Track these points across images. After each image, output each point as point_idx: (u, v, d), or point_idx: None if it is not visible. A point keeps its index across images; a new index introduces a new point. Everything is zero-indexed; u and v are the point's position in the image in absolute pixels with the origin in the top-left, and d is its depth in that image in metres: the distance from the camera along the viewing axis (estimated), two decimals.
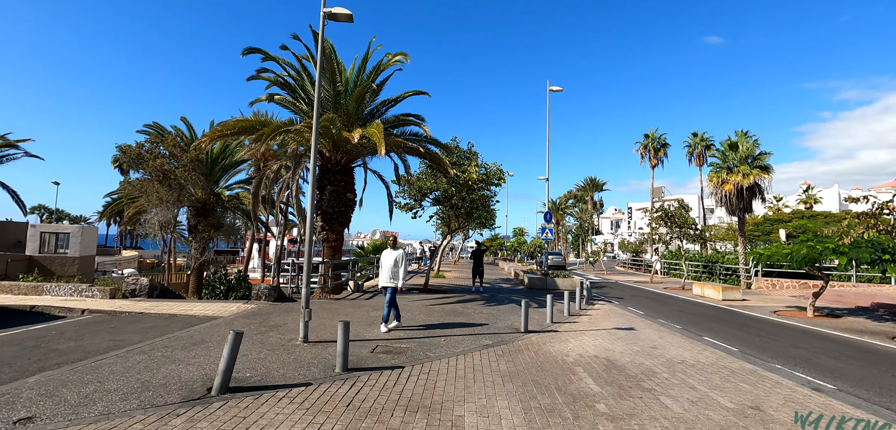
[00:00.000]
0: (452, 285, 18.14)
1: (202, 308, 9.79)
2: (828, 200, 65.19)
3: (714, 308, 14.36)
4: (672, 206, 23.23)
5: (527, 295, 15.70)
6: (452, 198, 17.53)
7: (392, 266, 8.10)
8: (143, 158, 16.18)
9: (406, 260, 8.36)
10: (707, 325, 11.25)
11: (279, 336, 7.50)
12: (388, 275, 8.09)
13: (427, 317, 10.09)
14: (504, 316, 10.69)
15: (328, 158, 13.70)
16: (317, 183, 14.00)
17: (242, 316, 9.10)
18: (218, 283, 12.82)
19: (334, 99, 13.21)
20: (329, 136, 12.58)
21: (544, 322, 10.22)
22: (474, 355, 6.96)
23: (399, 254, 8.14)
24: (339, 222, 13.81)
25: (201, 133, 21.97)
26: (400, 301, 12.19)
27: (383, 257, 8.28)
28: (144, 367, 5.54)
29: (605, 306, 13.67)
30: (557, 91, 22.93)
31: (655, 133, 48.69)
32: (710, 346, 8.48)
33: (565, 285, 18.31)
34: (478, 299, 13.69)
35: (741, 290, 16.43)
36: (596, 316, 11.61)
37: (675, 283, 24.34)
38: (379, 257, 8.49)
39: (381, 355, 6.66)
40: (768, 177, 28.10)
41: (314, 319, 9.23)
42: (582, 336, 8.83)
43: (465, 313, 10.95)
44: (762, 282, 20.40)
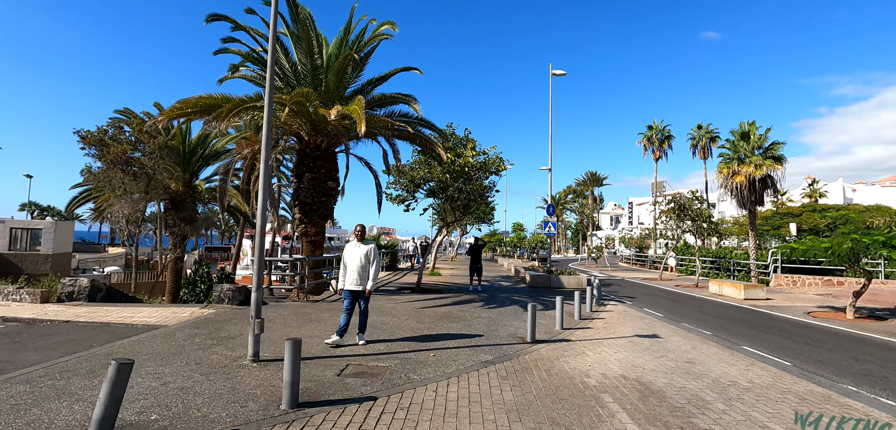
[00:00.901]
0: (448, 284, 16.64)
1: (147, 314, 8.26)
2: (833, 194, 63.96)
3: (738, 309, 12.89)
4: (684, 197, 21.72)
5: (529, 295, 14.22)
6: (448, 189, 15.97)
7: (359, 265, 6.44)
8: (105, 145, 14.58)
9: (379, 257, 6.78)
10: (740, 330, 9.77)
11: (225, 353, 5.98)
12: (355, 277, 6.40)
13: (416, 322, 8.58)
14: (506, 321, 9.19)
15: (307, 141, 12.15)
16: (294, 170, 12.46)
17: (191, 325, 7.58)
18: (200, 281, 11.42)
19: (312, 74, 11.66)
20: (305, 115, 11.03)
21: (553, 329, 8.74)
22: (471, 376, 5.46)
23: (369, 249, 6.52)
24: (320, 214, 12.27)
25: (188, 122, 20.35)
26: (387, 303, 10.71)
27: (347, 254, 6.54)
28: (12, 406, 4.02)
29: (618, 308, 12.19)
30: (561, 75, 21.43)
31: (659, 125, 47.21)
32: (755, 359, 7.01)
33: (571, 284, 16.84)
34: (476, 300, 12.19)
35: (765, 289, 14.95)
36: (611, 320, 10.13)
37: (686, 280, 22.92)
38: (340, 255, 6.67)
39: (350, 379, 5.15)
40: (781, 168, 26.66)
41: (281, 327, 7.71)
42: (601, 348, 7.34)
43: (460, 317, 9.45)
44: (782, 279, 18.97)
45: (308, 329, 7.57)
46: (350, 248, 6.57)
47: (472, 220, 36.31)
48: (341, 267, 6.65)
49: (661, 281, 22.03)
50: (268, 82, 5.88)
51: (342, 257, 6.62)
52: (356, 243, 6.61)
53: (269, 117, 5.84)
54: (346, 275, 6.51)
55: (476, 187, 16.72)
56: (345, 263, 6.57)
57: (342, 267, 6.63)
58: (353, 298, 6.48)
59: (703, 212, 20.70)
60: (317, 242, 12.41)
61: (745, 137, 27.73)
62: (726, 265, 26.28)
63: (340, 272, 6.65)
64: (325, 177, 12.16)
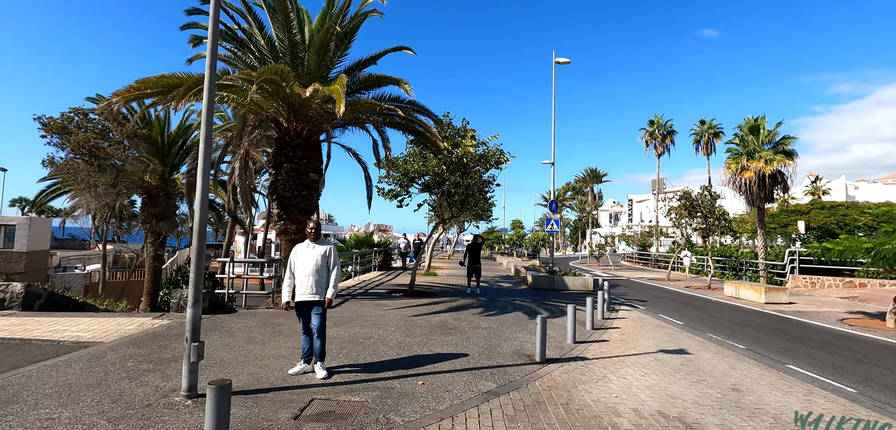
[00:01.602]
0: (444, 286, 15.42)
1: (86, 327, 6.99)
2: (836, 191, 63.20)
3: (763, 315, 11.71)
4: (696, 192, 20.53)
5: (532, 297, 13.02)
6: (444, 183, 14.70)
7: (314, 270, 5.05)
8: (69, 133, 13.25)
9: (339, 261, 5.36)
10: (775, 343, 8.58)
11: (158, 384, 4.73)
12: (309, 284, 5.01)
13: (405, 335, 7.34)
14: (509, 332, 7.97)
15: (286, 128, 10.86)
16: (272, 161, 11.17)
17: (132, 342, 6.31)
18: (183, 281, 10.29)
19: (291, 52, 10.36)
20: (281, 97, 9.75)
21: (564, 342, 7.53)
22: (469, 415, 4.24)
23: (327, 250, 5.18)
24: (301, 209, 10.99)
25: (177, 111, 19.02)
26: (374, 310, 9.43)
27: (298, 257, 5.17)
28: None
29: (631, 314, 10.99)
30: (565, 63, 20.22)
31: (661, 119, 46.05)
32: (811, 384, 5.82)
33: (577, 285, 15.65)
34: (474, 305, 10.97)
35: (787, 292, 13.80)
36: (627, 330, 8.93)
37: (695, 281, 21.76)
38: (295, 259, 5.25)
39: (311, 424, 3.92)
40: (793, 163, 25.53)
41: (242, 343, 6.46)
42: (624, 369, 6.13)
43: (457, 327, 8.22)
44: (800, 280, 17.83)
45: (274, 347, 6.33)
46: (301, 250, 5.19)
47: (469, 216, 35.10)
48: (287, 274, 5.22)
49: (670, 282, 20.87)
50: (210, 35, 4.61)
51: (290, 261, 5.24)
52: (309, 243, 5.21)
53: (210, 86, 4.57)
54: (298, 282, 5.09)
55: (475, 181, 15.48)
56: (293, 268, 5.16)
57: (288, 274, 5.20)
58: (309, 312, 5.11)
59: (717, 208, 19.51)
60: (297, 240, 11.11)
61: (754, 131, 26.58)
62: (733, 265, 25.18)
63: (286, 281, 5.23)
64: (307, 168, 10.87)
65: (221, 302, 8.84)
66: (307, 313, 5.11)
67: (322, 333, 5.06)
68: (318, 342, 5.06)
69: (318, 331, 5.03)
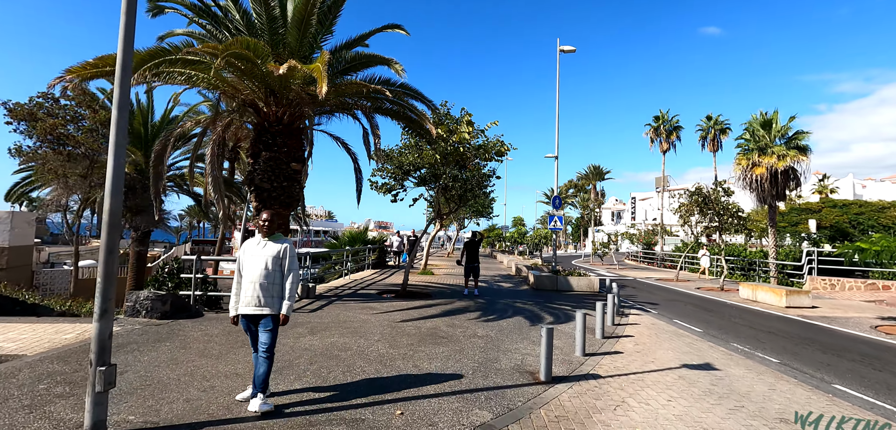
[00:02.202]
0: (440, 286, 14.45)
1: (17, 335, 6.04)
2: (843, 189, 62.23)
3: (787, 321, 10.72)
4: (709, 188, 19.49)
5: (534, 299, 12.04)
6: (442, 176, 13.72)
7: (263, 273, 3.97)
8: (36, 120, 12.29)
9: (297, 265, 4.26)
10: (811, 356, 7.59)
11: (64, 414, 3.78)
12: (256, 293, 3.93)
13: (389, 346, 6.37)
14: (509, 342, 6.99)
15: (265, 113, 9.89)
16: (250, 149, 10.20)
17: (60, 356, 5.35)
18: (169, 279, 9.41)
19: (269, 28, 9.36)
20: (257, 77, 8.76)
21: (573, 355, 6.55)
22: None
23: (282, 249, 4.08)
24: (282, 203, 10.02)
25: (165, 100, 18.09)
26: (359, 314, 8.34)
27: (245, 256, 4.07)
28: None
29: (642, 319, 10.02)
30: (570, 51, 19.20)
31: (666, 115, 44.95)
32: (875, 411, 4.83)
33: (581, 286, 14.67)
34: (471, 308, 10.00)
35: (809, 295, 12.79)
36: (641, 339, 7.95)
37: (705, 281, 20.76)
38: (242, 260, 4.10)
39: None
40: (806, 159, 24.52)
41: (194, 357, 5.49)
42: (645, 391, 5.15)
43: (450, 335, 7.24)
44: (818, 282, 16.82)
45: (230, 362, 5.36)
46: (250, 248, 4.08)
47: (468, 212, 34.09)
48: (235, 279, 4.15)
49: (679, 282, 19.87)
50: None
51: (238, 262, 4.20)
52: (260, 239, 4.12)
53: (126, 42, 3.58)
54: (244, 288, 4.02)
55: (473, 174, 14.47)
56: (241, 270, 4.11)
57: (237, 279, 4.12)
58: (256, 326, 4.03)
59: (731, 205, 18.48)
60: None
61: (766, 125, 25.55)
62: (741, 265, 24.18)
63: (234, 286, 4.11)
64: (288, 157, 9.89)
65: (186, 305, 7.87)
66: (254, 328, 4.05)
67: (269, 355, 3.97)
68: (262, 367, 3.93)
69: (265, 351, 3.92)
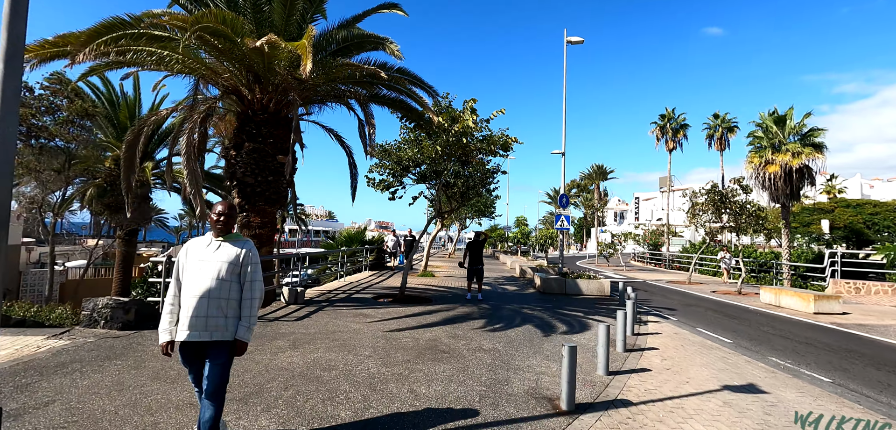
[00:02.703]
0: (441, 290, 13.54)
1: None
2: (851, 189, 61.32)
3: (822, 330, 9.79)
4: (729, 184, 18.52)
5: (543, 304, 11.13)
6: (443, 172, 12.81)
7: (213, 287, 2.93)
8: None
9: (260, 275, 3.12)
10: (865, 372, 6.66)
11: None
12: (204, 311, 2.91)
13: (381, 364, 5.47)
14: (520, 357, 6.08)
15: (248, 100, 9.00)
16: (232, 139, 9.30)
17: None
18: (136, 284, 8.51)
19: (252, 7, 8.47)
20: (236, 57, 7.87)
21: (594, 372, 5.65)
22: None
23: (240, 253, 3.06)
24: (267, 200, 9.15)
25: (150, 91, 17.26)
26: (351, 323, 7.26)
27: (189, 260, 3.02)
28: None
29: (664, 328, 9.10)
30: (578, 42, 18.27)
31: (672, 113, 43.95)
32: None
33: (592, 290, 13.75)
34: (474, 315, 9.09)
35: (839, 300, 11.86)
36: (667, 351, 7.03)
37: (720, 284, 19.82)
38: (184, 264, 2.99)
39: None
40: (822, 157, 23.60)
41: (150, 378, 4.59)
42: (688, 424, 4.24)
43: (452, 349, 6.34)
44: (841, 285, 15.86)
45: (187, 387, 4.44)
46: (197, 251, 3.02)
47: (470, 212, 33.15)
48: (171, 287, 3.03)
49: (692, 285, 18.93)
50: None
51: (176, 268, 3.05)
52: (212, 239, 3.07)
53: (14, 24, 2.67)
54: (184, 305, 2.95)
55: (477, 170, 13.55)
56: (180, 278, 3.02)
57: (173, 290, 3.03)
58: (201, 358, 3.00)
59: (751, 204, 17.53)
60: (263, 237, 9.27)
61: (780, 122, 24.64)
62: (753, 267, 23.24)
63: (168, 300, 3.02)
64: (274, 148, 9.01)
65: (154, 313, 6.96)
66: (199, 362, 3.02)
67: (219, 397, 2.93)
68: (208, 411, 2.88)
69: (213, 392, 2.90)
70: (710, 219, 19.02)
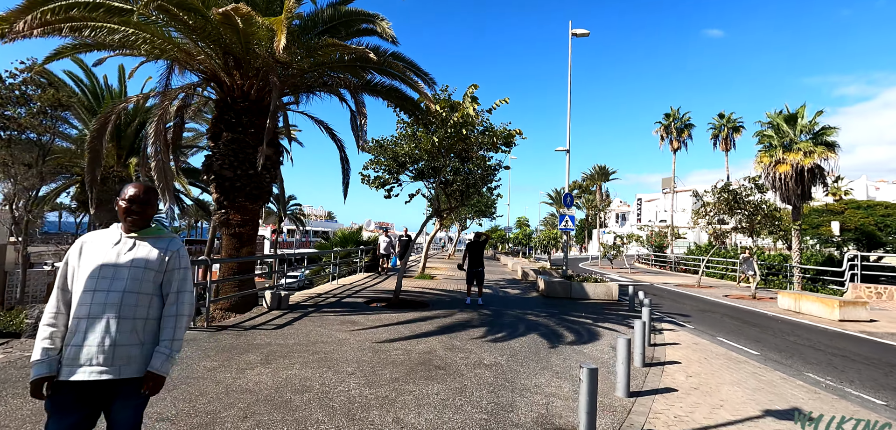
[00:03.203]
0: (438, 293, 12.75)
1: None
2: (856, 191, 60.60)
3: (854, 340, 8.99)
4: (742, 182, 17.72)
5: (548, 309, 10.34)
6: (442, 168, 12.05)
7: (124, 300, 2.04)
8: None
9: (191, 278, 2.31)
10: None
11: None
12: (103, 337, 1.99)
13: (365, 384, 4.68)
14: (525, 374, 5.29)
15: (228, 86, 8.23)
16: (210, 129, 8.54)
17: None
18: None
19: None
20: (210, 34, 7.10)
21: (613, 393, 4.87)
22: None
23: (164, 256, 2.22)
24: (247, 195, 8.37)
25: (140, 84, 16.54)
26: (337, 332, 6.25)
27: (85, 263, 2.09)
28: None
29: (681, 337, 8.31)
30: (583, 35, 17.52)
31: (677, 112, 43.20)
32: None
33: (599, 294, 12.95)
34: (474, 323, 8.29)
35: (866, 306, 11.08)
36: (691, 365, 6.24)
37: (732, 288, 19.00)
38: (76, 266, 2.11)
39: None
40: (835, 156, 22.88)
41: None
42: None
43: (448, 364, 5.55)
44: (862, 289, 15.07)
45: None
46: (97, 250, 2.13)
47: (470, 212, 32.36)
48: (52, 301, 2.09)
49: (702, 289, 18.12)
50: None
51: (62, 273, 2.12)
52: (121, 233, 2.22)
53: None
54: (71, 332, 2.03)
55: (478, 166, 12.76)
56: (68, 286, 2.11)
57: (56, 301, 2.09)
58: (96, 406, 2.07)
59: (766, 205, 16.74)
60: (243, 235, 8.50)
61: (790, 120, 23.89)
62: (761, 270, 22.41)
63: (47, 318, 2.06)
64: (255, 138, 8.24)
65: None
66: (91, 408, 2.06)
67: None
68: None
69: None
70: (721, 220, 18.24)
